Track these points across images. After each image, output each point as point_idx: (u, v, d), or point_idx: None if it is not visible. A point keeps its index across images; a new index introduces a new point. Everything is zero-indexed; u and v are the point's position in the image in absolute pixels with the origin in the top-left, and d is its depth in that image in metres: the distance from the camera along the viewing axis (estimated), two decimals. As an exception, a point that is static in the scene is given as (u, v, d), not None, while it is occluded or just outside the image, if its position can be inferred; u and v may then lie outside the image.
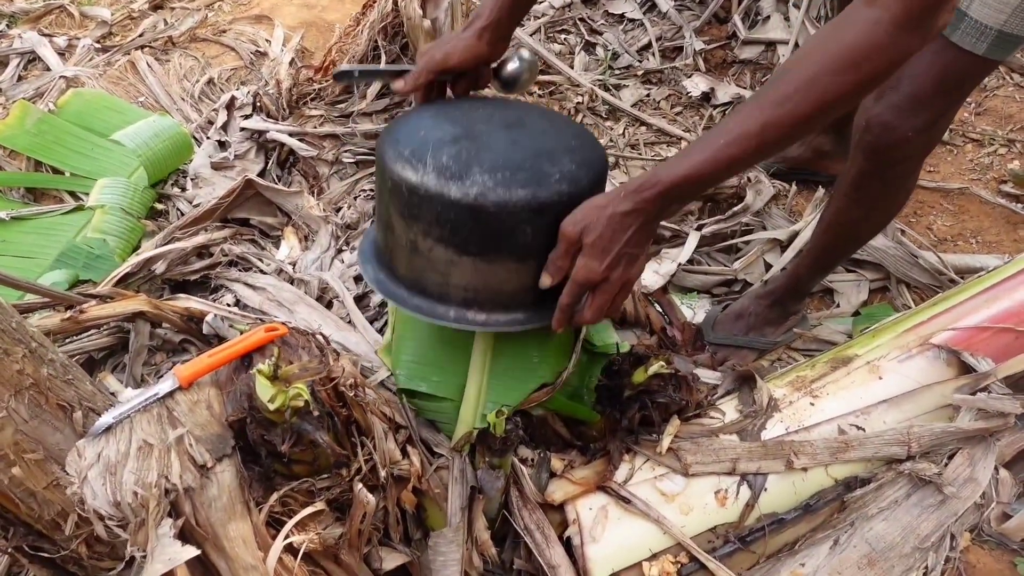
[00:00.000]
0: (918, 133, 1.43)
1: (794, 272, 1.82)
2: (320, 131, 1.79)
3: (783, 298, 1.85)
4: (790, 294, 1.85)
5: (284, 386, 0.88)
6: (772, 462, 1.42)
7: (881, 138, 1.44)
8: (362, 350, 1.53)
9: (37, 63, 2.85)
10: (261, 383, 0.86)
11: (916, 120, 1.41)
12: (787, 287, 1.84)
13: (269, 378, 0.86)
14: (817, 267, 1.78)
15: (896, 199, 1.61)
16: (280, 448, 0.91)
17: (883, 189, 1.54)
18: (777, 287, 1.87)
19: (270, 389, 0.86)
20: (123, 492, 0.95)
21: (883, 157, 1.48)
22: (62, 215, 2.00)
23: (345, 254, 1.75)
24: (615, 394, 1.41)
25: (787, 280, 1.84)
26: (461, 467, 1.32)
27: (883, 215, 1.63)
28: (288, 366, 0.91)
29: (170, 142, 2.00)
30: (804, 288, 1.84)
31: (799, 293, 1.86)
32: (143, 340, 1.67)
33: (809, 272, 1.79)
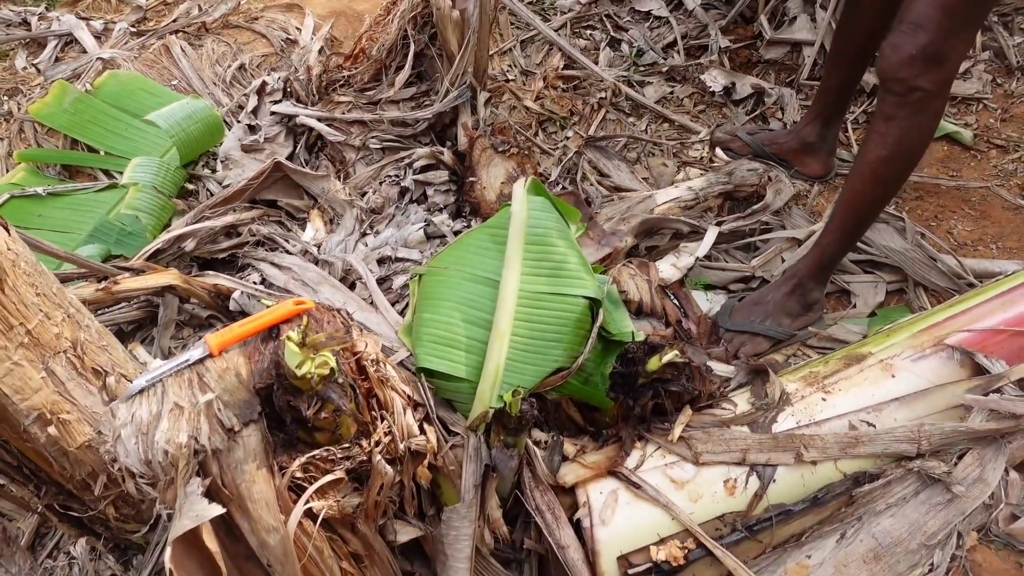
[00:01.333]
0: (921, 50, 1.47)
1: (819, 245, 1.82)
2: (348, 117, 1.83)
3: (805, 279, 1.85)
4: (813, 273, 1.85)
5: (311, 353, 0.91)
6: (782, 454, 1.44)
7: (891, 59, 1.51)
8: (383, 331, 1.56)
9: (74, 45, 2.92)
10: (290, 349, 0.90)
11: (917, 38, 1.47)
12: (811, 264, 1.84)
13: (298, 345, 0.90)
14: (842, 232, 1.77)
15: (921, 135, 1.62)
16: (305, 413, 0.95)
17: (909, 120, 1.56)
18: (799, 268, 1.88)
19: (298, 355, 0.89)
20: (154, 451, 0.99)
21: (897, 80, 1.52)
22: (96, 192, 2.06)
23: (369, 237, 1.78)
24: (629, 382, 1.44)
25: (811, 257, 1.84)
26: (476, 445, 1.36)
27: (907, 155, 1.64)
28: (314, 336, 0.95)
29: (202, 124, 2.06)
30: (828, 263, 1.84)
31: (822, 271, 1.85)
32: (171, 314, 1.72)
33: (834, 239, 1.78)
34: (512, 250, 1.43)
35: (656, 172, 2.50)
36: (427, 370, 1.41)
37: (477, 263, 1.46)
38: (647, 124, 2.68)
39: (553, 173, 2.36)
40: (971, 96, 2.59)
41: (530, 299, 1.42)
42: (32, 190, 2.03)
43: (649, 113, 2.70)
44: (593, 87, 2.76)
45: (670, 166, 2.53)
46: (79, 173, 2.16)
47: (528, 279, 1.42)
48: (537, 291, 1.42)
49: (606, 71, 2.80)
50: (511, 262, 1.43)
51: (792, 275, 1.90)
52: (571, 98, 2.74)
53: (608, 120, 2.69)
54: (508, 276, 1.41)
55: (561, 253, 1.46)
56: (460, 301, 1.43)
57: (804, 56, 2.75)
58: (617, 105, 2.72)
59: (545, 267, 1.43)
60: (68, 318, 1.17)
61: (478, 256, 1.47)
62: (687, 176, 2.48)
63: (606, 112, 2.70)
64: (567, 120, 2.67)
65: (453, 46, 1.74)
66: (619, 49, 2.89)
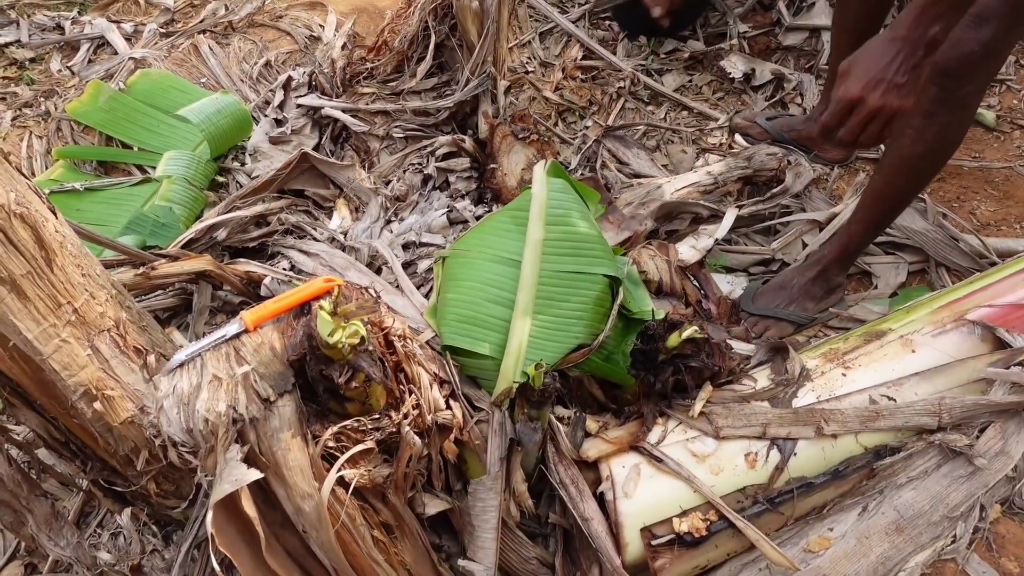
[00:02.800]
0: (984, 47, 1.43)
1: (845, 233, 1.83)
2: (372, 108, 1.88)
3: (830, 266, 1.87)
4: (838, 260, 1.86)
5: (342, 321, 0.96)
6: (802, 428, 1.46)
7: (949, 55, 1.45)
8: (409, 313, 1.61)
9: (106, 47, 3.01)
10: (322, 318, 0.94)
11: (981, 33, 1.41)
12: (836, 252, 1.85)
13: (329, 314, 0.94)
14: (870, 222, 1.77)
15: (960, 129, 1.61)
16: (337, 381, 0.99)
17: (950, 117, 1.54)
18: (825, 254, 1.89)
19: (330, 323, 0.94)
20: (195, 420, 1.04)
21: (951, 77, 1.48)
22: (131, 187, 2.13)
23: (394, 224, 1.83)
24: (650, 358, 1.47)
25: (837, 244, 1.85)
26: (501, 420, 1.39)
27: (944, 149, 1.62)
28: (345, 306, 0.99)
29: (231, 118, 2.12)
30: (854, 250, 1.85)
31: (848, 258, 1.87)
32: (205, 301, 1.78)
33: (861, 228, 1.79)
34: (533, 230, 1.46)
35: (675, 159, 2.52)
36: (452, 348, 1.45)
37: (499, 244, 1.50)
38: (666, 112, 2.70)
39: (573, 161, 2.39)
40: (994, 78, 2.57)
41: (552, 278, 1.45)
42: (70, 186, 2.11)
43: (668, 101, 2.72)
44: (612, 77, 2.79)
45: (689, 153, 2.54)
46: (114, 168, 2.23)
47: (549, 258, 1.45)
48: (558, 270, 1.46)
49: (624, 61, 2.82)
50: (532, 241, 1.46)
51: (817, 261, 1.91)
52: (590, 88, 2.77)
53: (627, 109, 2.71)
54: (529, 255, 1.45)
55: (582, 233, 1.49)
56: (483, 281, 1.47)
57: (823, 41, 2.75)
58: (636, 94, 2.74)
59: (566, 246, 1.47)
60: (111, 298, 1.23)
61: (500, 238, 1.51)
62: (706, 162, 2.49)
63: (625, 101, 2.72)
64: (586, 110, 2.70)
65: (473, 36, 1.78)
66: (637, 40, 2.91)
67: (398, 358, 1.19)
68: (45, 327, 1.11)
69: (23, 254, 1.04)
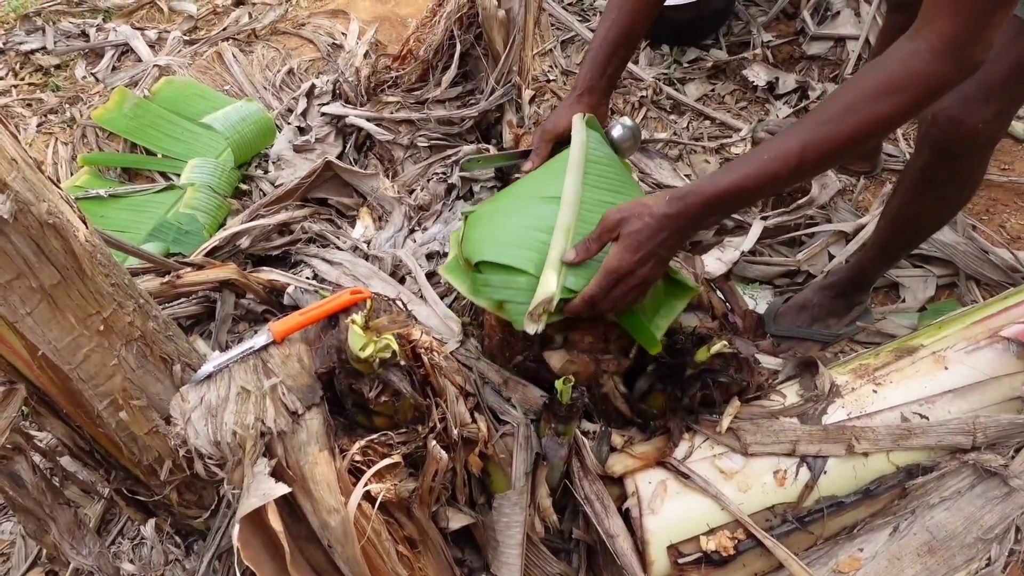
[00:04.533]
0: (987, 124, 1.39)
1: (858, 263, 1.82)
2: (396, 116, 1.88)
3: (847, 289, 1.85)
4: (853, 285, 1.85)
5: (374, 336, 0.95)
6: (833, 445, 1.43)
7: (948, 132, 1.41)
8: (433, 324, 1.60)
9: (130, 55, 3.03)
10: (354, 332, 0.93)
11: (986, 111, 1.37)
12: (851, 278, 1.84)
13: (361, 328, 0.93)
14: (881, 259, 1.77)
15: (963, 192, 1.58)
16: (368, 395, 0.98)
17: (950, 182, 1.52)
18: (841, 278, 1.87)
19: (362, 338, 0.93)
20: (223, 432, 1.03)
21: (950, 150, 1.44)
22: (155, 193, 2.14)
23: (417, 233, 1.82)
24: (677, 372, 1.45)
25: (851, 271, 1.84)
26: (526, 434, 1.38)
27: (949, 208, 1.62)
28: (377, 320, 0.98)
29: (255, 126, 2.13)
30: (868, 279, 1.84)
31: (863, 284, 1.85)
32: (228, 309, 1.78)
33: (873, 263, 1.79)
34: (574, 162, 1.38)
35: (699, 169, 2.50)
36: (483, 265, 1.32)
37: (534, 188, 1.43)
38: (688, 121, 2.68)
39: (595, 171, 2.38)
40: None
41: (594, 204, 1.35)
42: (95, 192, 2.12)
43: (690, 110, 2.70)
44: (633, 86, 2.77)
45: (712, 163, 2.52)
46: (138, 175, 2.24)
47: (591, 189, 1.37)
48: (600, 199, 1.37)
49: (646, 70, 2.81)
50: (573, 170, 1.36)
51: (834, 284, 1.88)
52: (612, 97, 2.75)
53: (649, 118, 2.70)
54: (570, 181, 1.35)
55: (620, 173, 1.45)
56: (519, 212, 1.38)
57: (848, 51, 2.73)
58: (658, 103, 2.73)
59: (606, 182, 1.39)
60: (139, 308, 1.23)
61: (535, 183, 1.44)
62: (730, 173, 2.47)
63: (647, 111, 2.70)
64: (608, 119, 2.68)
65: (498, 45, 1.77)
66: (659, 48, 2.90)
67: (425, 371, 1.18)
68: (75, 336, 1.11)
69: (54, 264, 1.04)
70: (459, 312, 1.65)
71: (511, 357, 1.48)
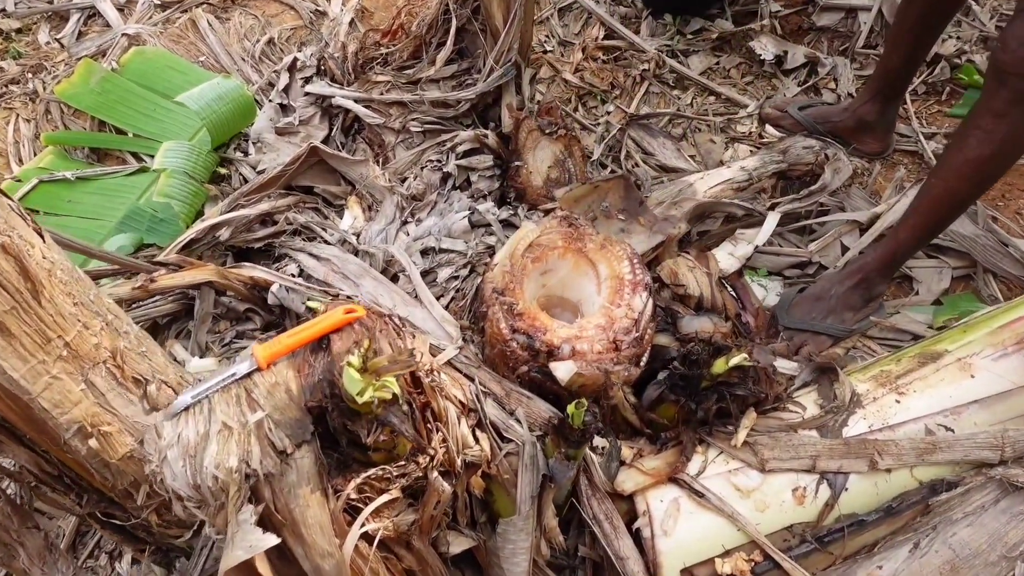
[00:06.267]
0: None
1: (893, 239, 1.69)
2: (386, 98, 1.73)
3: (873, 274, 1.74)
4: (883, 268, 1.73)
5: (373, 379, 0.84)
6: (854, 461, 1.36)
7: (1018, 53, 1.34)
8: (429, 327, 1.49)
9: (97, 19, 2.83)
10: (350, 376, 0.83)
11: None
12: (882, 259, 1.72)
13: (359, 370, 0.82)
14: (922, 228, 1.63)
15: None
16: (366, 440, 0.88)
17: (1020, 119, 1.41)
18: (867, 262, 1.76)
19: (359, 383, 0.82)
20: (203, 475, 0.93)
21: (1021, 77, 1.36)
22: (126, 176, 1.99)
23: (410, 226, 1.70)
24: (691, 384, 1.36)
25: (883, 251, 1.72)
26: (532, 454, 1.29)
27: (1014, 152, 1.49)
28: (376, 358, 0.88)
29: (233, 105, 1.97)
30: (901, 258, 1.72)
31: (893, 266, 1.74)
32: (208, 308, 1.66)
33: (912, 235, 1.65)
34: None
35: (703, 149, 2.38)
36: None
37: None
38: (692, 97, 2.55)
39: (595, 152, 2.25)
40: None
41: None
42: (61, 175, 1.97)
43: (694, 86, 2.57)
44: (635, 58, 2.63)
45: (718, 143, 2.40)
46: (108, 156, 2.09)
47: None
48: None
49: (648, 41, 2.66)
50: None
51: (859, 269, 1.79)
52: (612, 70, 2.61)
53: (651, 93, 2.56)
54: None
55: None
56: None
57: (860, 22, 2.59)
58: (661, 77, 2.59)
59: None
60: (107, 326, 1.11)
61: None
62: (736, 153, 2.36)
63: (649, 85, 2.57)
64: (608, 94, 2.55)
65: (498, 21, 1.63)
66: (662, 17, 2.74)
67: (426, 397, 1.07)
68: (33, 364, 0.99)
69: (6, 289, 0.91)
70: (457, 314, 1.54)
71: (514, 368, 1.39)
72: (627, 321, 1.38)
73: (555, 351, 1.35)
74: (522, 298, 1.40)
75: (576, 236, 1.47)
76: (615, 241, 1.45)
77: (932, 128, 2.38)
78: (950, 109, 2.42)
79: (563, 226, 1.47)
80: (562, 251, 1.47)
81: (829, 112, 2.31)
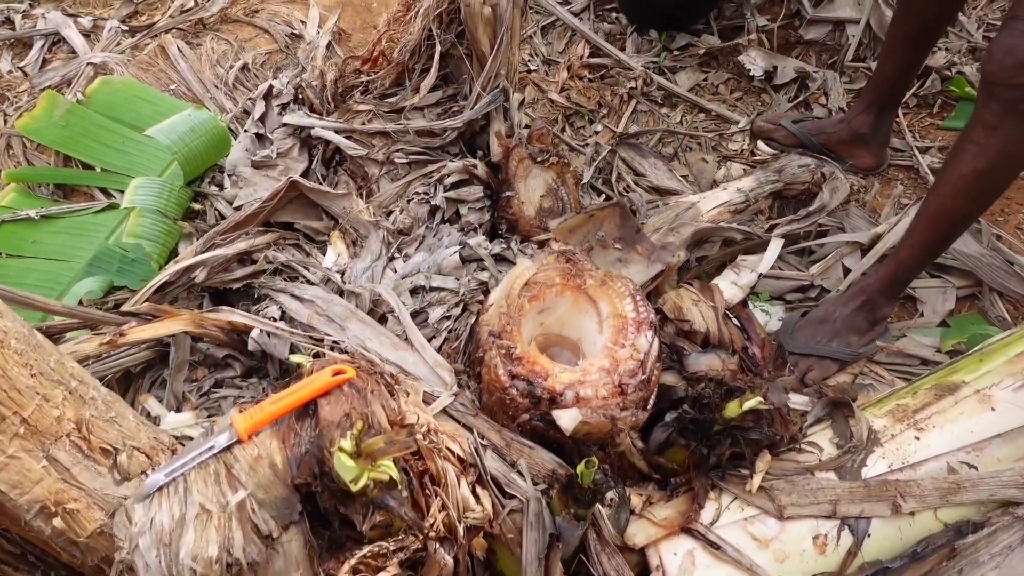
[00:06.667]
0: None
1: (894, 259, 1.64)
2: (369, 128, 1.65)
3: (876, 296, 1.69)
4: (885, 290, 1.68)
5: (368, 463, 0.75)
6: (876, 504, 1.29)
7: (1004, 62, 1.31)
8: (421, 372, 1.40)
9: (62, 45, 2.72)
10: (342, 462, 0.74)
11: None
12: (883, 281, 1.67)
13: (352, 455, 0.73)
14: (923, 248, 1.58)
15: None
16: (360, 528, 0.79)
17: (1013, 131, 1.36)
18: (870, 283, 1.71)
19: (353, 469, 0.73)
20: (179, 567, 0.84)
21: (1009, 87, 1.33)
22: (94, 214, 1.88)
23: (398, 262, 1.62)
24: (702, 428, 1.28)
25: (884, 272, 1.67)
26: (538, 511, 1.20)
27: (1010, 167, 1.44)
28: (370, 440, 0.79)
29: (206, 137, 1.87)
30: (903, 279, 1.67)
31: (895, 287, 1.68)
32: (184, 355, 1.56)
33: (912, 255, 1.60)
34: None
35: (696, 169, 2.32)
36: None
37: None
38: (681, 115, 2.50)
39: (586, 175, 2.18)
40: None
41: None
42: (24, 213, 1.86)
43: (683, 103, 2.51)
44: (621, 76, 2.57)
45: (710, 161, 2.35)
46: (75, 192, 1.98)
47: None
48: None
49: (634, 58, 2.61)
50: None
51: (861, 290, 1.73)
52: (598, 88, 2.55)
53: (639, 111, 2.50)
54: None
55: None
56: None
57: (848, 36, 2.56)
58: (648, 95, 2.53)
59: None
60: (70, 395, 1.01)
61: None
62: (728, 172, 2.30)
63: (636, 103, 2.51)
64: (595, 113, 2.48)
65: (484, 46, 1.55)
66: (647, 34, 2.69)
67: (424, 464, 0.99)
68: (-14, 446, 0.89)
69: (-49, 368, 0.82)
70: (451, 357, 1.46)
71: (514, 416, 1.30)
72: (632, 363, 1.30)
73: (557, 398, 1.27)
74: (520, 341, 1.32)
75: (575, 272, 1.39)
76: (616, 277, 1.38)
77: (926, 141, 2.34)
78: (943, 121, 2.39)
79: (560, 262, 1.39)
80: (560, 288, 1.39)
81: (823, 124, 2.26)
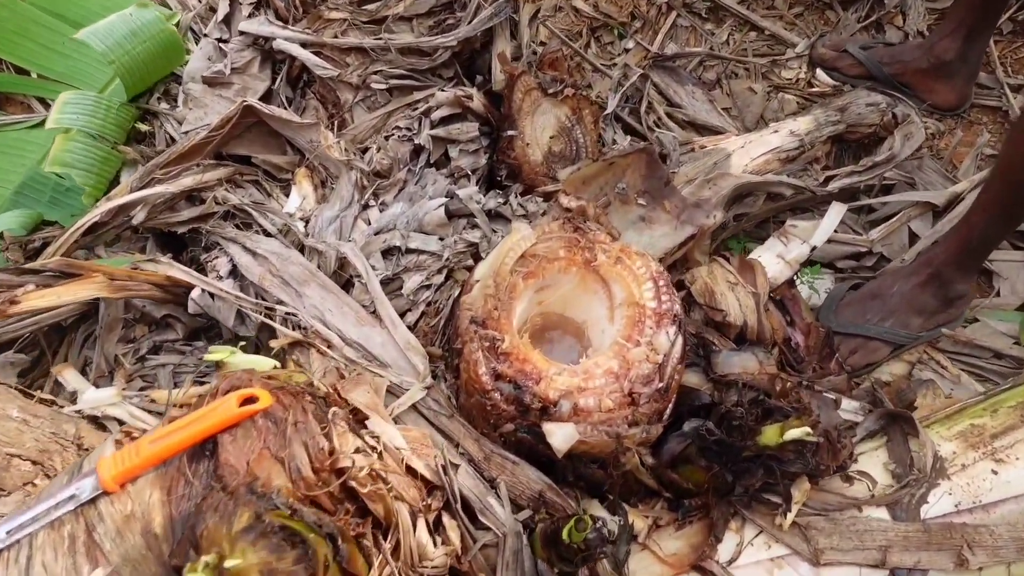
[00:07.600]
0: None
1: (965, 223, 1.34)
2: (342, 42, 1.32)
3: (944, 268, 1.39)
4: (956, 261, 1.37)
5: None
6: (936, 555, 1.05)
7: None
8: (389, 356, 1.15)
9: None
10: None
11: None
12: (953, 249, 1.36)
13: None
14: (999, 207, 1.26)
15: None
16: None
17: None
18: (937, 253, 1.41)
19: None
20: (9, 673, 0.62)
21: None
22: (28, 128, 1.61)
23: (372, 211, 1.34)
24: (730, 452, 1.03)
25: (954, 239, 1.36)
26: (516, 548, 0.97)
27: None
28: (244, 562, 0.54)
29: (152, 43, 1.55)
30: (978, 248, 1.35)
31: (970, 259, 1.37)
32: (116, 312, 1.33)
33: (985, 217, 1.29)
34: None
35: (741, 100, 1.97)
36: None
37: None
38: (728, 33, 2.12)
39: (611, 103, 1.85)
40: None
41: None
42: (-54, 127, 1.59)
43: (732, 18, 2.13)
44: (660, -18, 2.17)
45: (758, 91, 1.99)
46: (8, 101, 1.70)
47: None
48: None
49: (677, -41, 2.20)
50: None
51: (927, 262, 1.43)
52: None
53: (679, 27, 2.13)
54: None
55: None
56: None
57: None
58: (691, 6, 2.15)
59: None
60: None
61: None
62: (781, 105, 1.95)
63: (677, 16, 2.13)
64: (627, 26, 2.11)
65: (487, -62, 1.21)
66: (694, -72, 2.26)
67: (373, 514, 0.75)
68: None
69: None
70: (428, 337, 1.20)
71: (496, 424, 1.06)
72: (648, 366, 1.04)
73: (550, 407, 1.01)
74: (509, 331, 1.05)
75: (584, 244, 1.10)
76: (636, 253, 1.09)
77: (1020, 77, 1.96)
78: (1044, 54, 2.00)
79: (567, 230, 1.11)
80: (564, 264, 1.11)
81: (898, 51, 1.88)
